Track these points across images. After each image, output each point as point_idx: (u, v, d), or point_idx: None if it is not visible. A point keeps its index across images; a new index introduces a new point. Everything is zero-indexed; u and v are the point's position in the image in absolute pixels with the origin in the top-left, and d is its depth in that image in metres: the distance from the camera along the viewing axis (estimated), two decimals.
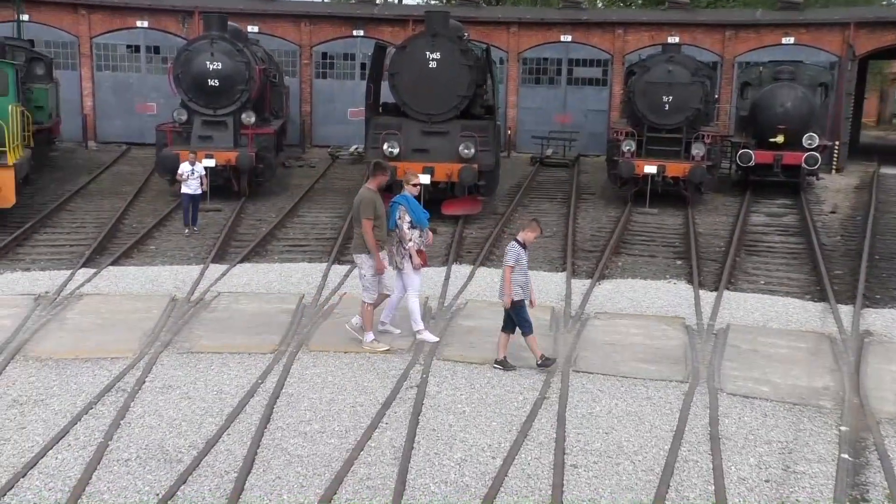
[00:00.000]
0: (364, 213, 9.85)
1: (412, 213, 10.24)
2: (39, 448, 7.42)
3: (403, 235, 10.25)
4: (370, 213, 9.85)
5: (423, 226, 10.42)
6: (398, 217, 10.23)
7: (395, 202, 10.31)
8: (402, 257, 10.31)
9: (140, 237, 15.58)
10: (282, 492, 6.85)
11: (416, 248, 10.30)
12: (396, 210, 10.25)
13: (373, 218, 9.85)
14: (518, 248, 9.43)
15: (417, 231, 10.35)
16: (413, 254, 10.27)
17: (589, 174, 25.14)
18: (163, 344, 10.10)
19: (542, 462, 7.43)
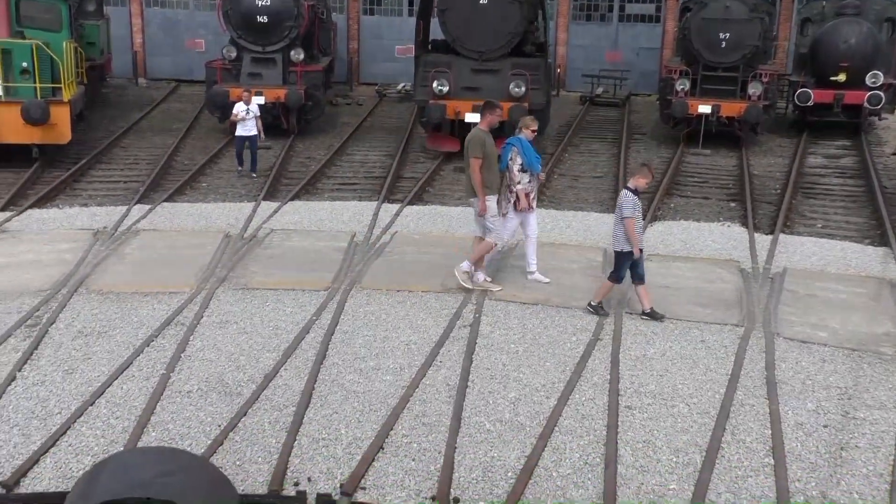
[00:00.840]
0: (472, 152, 9.73)
1: (524, 156, 10.08)
2: (105, 378, 7.64)
3: (512, 177, 10.13)
4: (478, 151, 9.71)
5: (535, 170, 10.26)
6: (510, 158, 10.10)
7: (508, 143, 10.19)
8: (508, 200, 10.22)
9: (192, 174, 15.72)
10: (339, 426, 6.97)
11: (524, 191, 10.18)
12: (509, 151, 10.12)
13: (481, 157, 9.70)
14: (632, 196, 9.23)
15: (528, 175, 10.19)
16: (521, 196, 10.15)
17: (640, 114, 24.65)
18: (218, 279, 10.26)
19: (597, 403, 7.45)
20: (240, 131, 15.58)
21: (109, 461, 5.32)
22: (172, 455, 5.30)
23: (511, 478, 6.29)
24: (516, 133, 10.34)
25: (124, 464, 5.10)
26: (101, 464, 5.23)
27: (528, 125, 10.33)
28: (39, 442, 6.56)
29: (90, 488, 4.79)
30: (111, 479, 4.86)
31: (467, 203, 14.59)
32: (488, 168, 9.83)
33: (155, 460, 5.08)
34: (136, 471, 4.91)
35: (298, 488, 6.03)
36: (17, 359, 7.93)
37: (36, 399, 7.24)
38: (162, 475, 4.84)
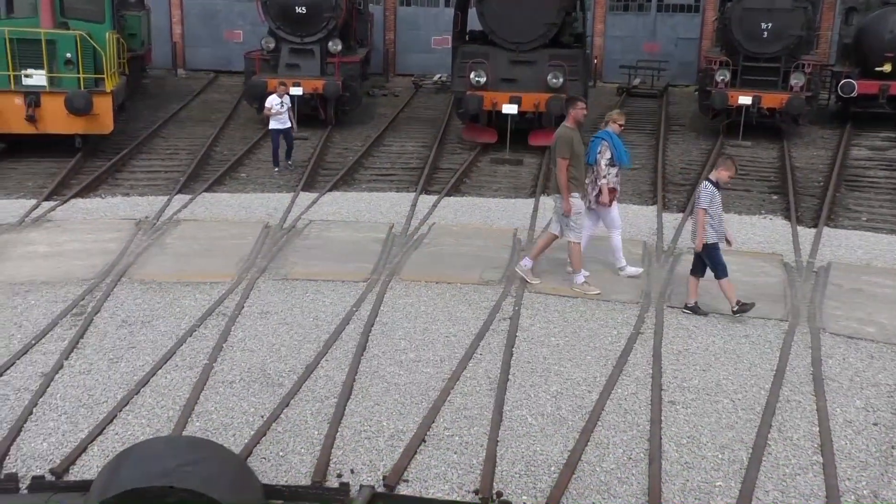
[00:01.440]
0: (560, 153, 9.56)
1: (614, 150, 9.99)
2: (149, 367, 7.72)
3: (600, 171, 10.01)
4: (566, 152, 9.55)
5: (624, 164, 10.21)
6: (598, 153, 9.99)
7: (597, 137, 10.10)
8: (595, 193, 10.11)
9: (231, 165, 15.81)
10: (381, 418, 6.98)
11: (609, 185, 10.07)
12: (598, 145, 10.02)
13: (569, 157, 9.55)
14: (712, 189, 9.02)
15: (615, 169, 10.10)
16: (604, 190, 10.03)
17: (678, 105, 24.36)
18: (259, 270, 10.32)
19: (639, 398, 7.39)
20: (274, 124, 15.50)
21: (133, 450, 5.40)
22: (196, 444, 5.37)
23: (554, 472, 6.25)
24: (603, 127, 10.24)
25: (148, 453, 5.18)
26: (125, 452, 5.32)
27: (616, 119, 10.21)
28: (87, 430, 6.65)
29: (114, 476, 4.87)
30: (135, 467, 4.93)
31: (506, 195, 14.65)
32: (576, 166, 9.66)
33: (178, 450, 5.15)
34: (159, 460, 4.99)
35: (342, 480, 6.06)
36: (63, 347, 8.04)
37: (83, 387, 7.33)
38: (184, 464, 4.90)
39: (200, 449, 5.24)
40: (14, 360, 7.74)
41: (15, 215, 12.21)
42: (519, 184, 15.80)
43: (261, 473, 6.16)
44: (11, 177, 14.67)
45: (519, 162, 17.18)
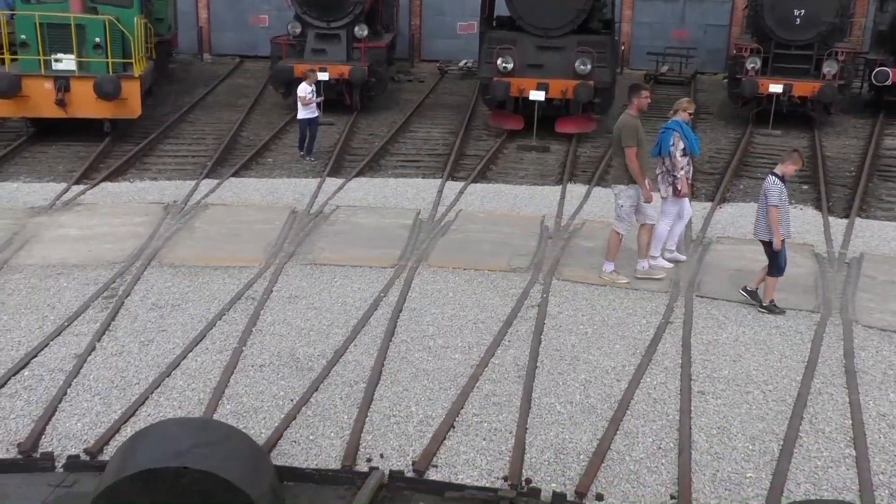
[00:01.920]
0: (626, 141, 9.35)
1: (686, 140, 9.83)
2: (180, 350, 7.78)
3: (675, 162, 9.83)
4: (632, 140, 9.36)
5: (696, 154, 10.05)
6: (671, 143, 9.83)
7: (667, 128, 9.92)
8: (668, 184, 9.93)
9: (258, 150, 15.85)
10: (410, 404, 7.00)
11: (685, 175, 9.90)
12: (670, 136, 9.85)
13: (635, 145, 9.38)
14: (780, 184, 8.78)
15: (687, 159, 9.92)
16: (684, 182, 9.86)
17: (706, 92, 24.11)
18: (287, 255, 10.36)
19: (668, 387, 7.35)
20: (305, 114, 15.30)
21: (148, 431, 5.46)
22: (210, 426, 5.42)
23: (583, 461, 6.24)
24: (672, 116, 10.06)
25: (163, 434, 5.23)
26: (140, 433, 5.38)
27: (685, 107, 10.01)
28: (120, 411, 6.72)
29: (130, 456, 4.92)
30: (150, 448, 4.98)
31: (533, 182, 14.59)
32: (640, 156, 9.46)
33: (193, 431, 5.19)
34: (173, 441, 5.02)
35: (371, 464, 6.08)
36: (95, 329, 8.13)
37: (115, 369, 7.41)
38: (199, 446, 4.94)
39: (214, 431, 5.29)
40: (48, 341, 7.83)
41: (46, 198, 12.32)
42: (546, 171, 15.73)
43: (291, 457, 6.22)
44: (42, 160, 14.80)
45: (546, 149, 17.09)
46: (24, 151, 15.16)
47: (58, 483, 5.40)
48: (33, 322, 8.25)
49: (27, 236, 10.53)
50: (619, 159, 9.62)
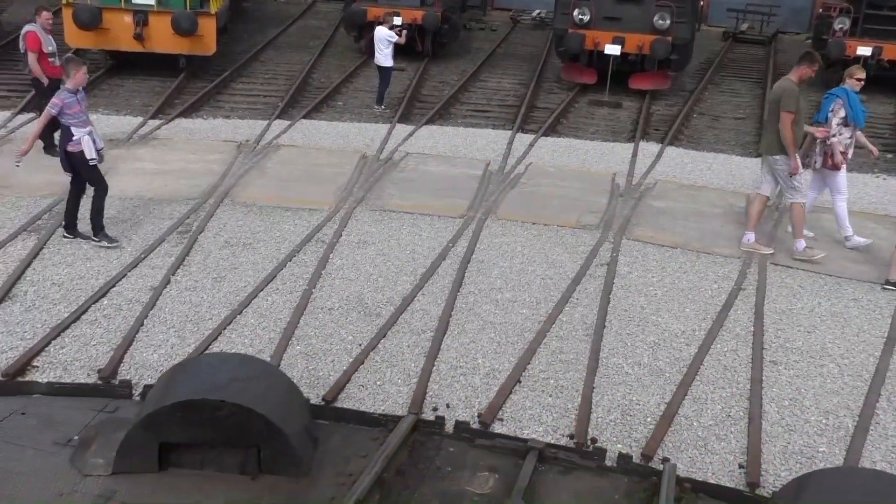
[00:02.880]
0: (787, 105, 8.83)
1: (849, 109, 9.31)
2: (251, 289, 7.90)
3: (830, 130, 9.35)
4: (793, 105, 8.85)
5: (860, 125, 9.46)
6: (830, 110, 9.35)
7: (831, 94, 9.44)
8: (821, 155, 9.47)
9: (329, 92, 15.85)
10: (477, 356, 7.01)
11: (839, 145, 9.38)
12: (831, 102, 9.36)
13: (795, 111, 8.93)
14: None
15: (849, 129, 9.40)
16: (835, 151, 9.33)
17: (787, 53, 23.23)
18: (356, 199, 10.38)
19: (739, 355, 7.22)
20: (386, 61, 15.01)
21: (188, 364, 5.56)
22: (248, 362, 5.52)
23: (650, 423, 6.19)
24: (843, 83, 9.45)
25: (202, 367, 5.35)
26: (180, 365, 5.49)
27: (854, 74, 9.42)
28: (194, 345, 6.87)
29: (169, 389, 5.04)
30: (189, 380, 5.10)
31: (604, 138, 14.31)
32: (798, 123, 9.01)
33: (231, 366, 5.29)
34: (212, 374, 5.13)
35: (437, 413, 6.12)
36: (170, 263, 8.29)
37: (189, 304, 7.56)
38: (236, 380, 5.02)
39: (252, 366, 5.40)
40: (125, 272, 8.02)
41: (123, 132, 12.52)
42: (617, 127, 15.43)
43: (358, 401, 6.29)
44: (119, 94, 15.03)
45: (618, 105, 16.75)
46: (102, 84, 15.41)
47: (101, 408, 5.56)
48: (112, 252, 8.45)
49: (105, 168, 10.69)
50: (775, 126, 9.05)
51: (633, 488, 5.16)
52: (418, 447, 5.39)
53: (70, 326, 6.98)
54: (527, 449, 5.38)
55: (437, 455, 5.34)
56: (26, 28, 10.85)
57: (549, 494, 5.04)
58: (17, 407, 5.54)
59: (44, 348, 6.62)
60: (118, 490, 4.80)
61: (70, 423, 5.35)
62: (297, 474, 4.98)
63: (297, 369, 6.64)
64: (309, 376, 6.56)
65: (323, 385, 6.45)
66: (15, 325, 6.97)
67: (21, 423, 5.38)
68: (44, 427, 5.33)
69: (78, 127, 8.32)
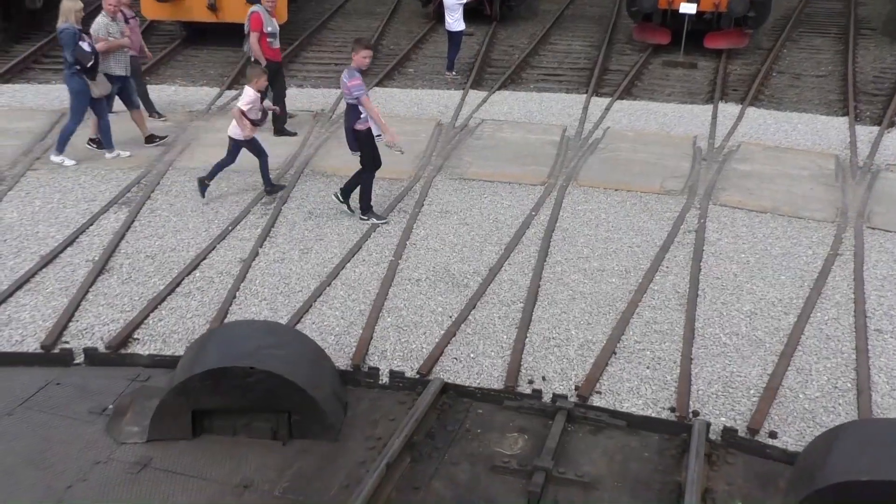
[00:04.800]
0: None
1: None
2: (338, 260, 7.91)
3: None
4: None
5: None
6: None
7: None
8: None
9: (399, 59, 15.74)
10: (569, 327, 6.92)
11: None
12: None
13: None
14: None
15: None
16: None
17: (869, 5, 22.30)
18: (435, 168, 10.31)
19: (841, 323, 6.99)
20: (458, 26, 14.76)
21: (217, 332, 5.58)
22: (276, 329, 5.55)
23: (753, 396, 6.04)
24: None
25: (231, 335, 5.38)
26: (209, 333, 5.51)
27: None
28: (286, 317, 6.91)
29: (200, 356, 5.08)
30: (219, 348, 5.13)
31: (681, 100, 13.95)
32: None
33: (260, 333, 5.32)
34: (241, 342, 5.17)
35: (534, 386, 6.06)
36: (257, 235, 8.35)
37: (279, 276, 7.61)
38: (265, 347, 5.04)
39: (280, 333, 5.42)
40: (214, 244, 8.11)
41: (202, 102, 12.64)
42: (694, 89, 15.02)
43: (453, 373, 6.26)
44: (194, 64, 15.17)
45: (693, 65, 16.30)
46: (177, 55, 15.56)
47: (134, 377, 5.63)
48: (200, 224, 8.55)
49: (188, 139, 10.85)
50: None
51: (665, 445, 5.14)
52: (447, 410, 5.40)
53: (166, 299, 7.09)
54: (556, 409, 5.35)
55: (466, 417, 5.35)
56: (252, 8, 10.98)
57: (580, 454, 5.01)
58: (54, 377, 5.64)
59: (143, 321, 6.74)
60: (153, 457, 4.88)
61: (105, 392, 5.44)
62: (327, 438, 5.04)
63: (390, 341, 6.64)
64: (402, 349, 6.56)
65: (416, 358, 6.44)
66: (114, 297, 7.11)
67: (57, 392, 5.48)
68: (79, 396, 5.43)
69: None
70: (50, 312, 6.82)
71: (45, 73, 14.29)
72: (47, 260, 7.62)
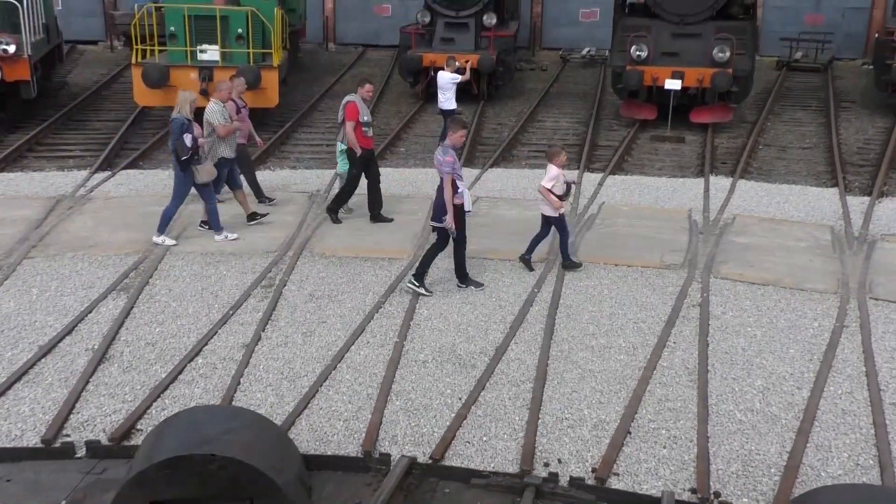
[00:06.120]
0: None
1: None
2: (342, 343, 7.80)
3: None
4: None
5: None
6: None
7: None
8: None
9: (391, 139, 15.89)
10: (581, 406, 6.80)
11: None
12: None
13: None
14: None
15: None
16: None
17: (845, 80, 22.92)
18: None
19: (856, 398, 6.92)
20: (450, 104, 14.93)
21: (176, 418, 5.38)
22: (236, 413, 5.37)
23: (774, 474, 5.92)
24: None
25: (191, 420, 5.16)
26: (167, 421, 5.32)
27: None
28: (293, 403, 6.76)
29: (158, 444, 4.88)
30: (177, 435, 4.93)
31: (672, 174, 14.10)
32: None
33: (219, 418, 5.13)
34: (200, 428, 4.96)
35: (550, 469, 5.91)
36: (259, 319, 8.24)
37: (282, 360, 7.47)
38: (225, 432, 4.86)
39: (240, 417, 5.25)
40: (216, 329, 7.98)
41: None
42: (683, 162, 15.23)
43: (466, 458, 6.12)
44: None
45: (681, 139, 16.56)
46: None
47: (87, 470, 5.41)
48: (200, 309, 8.43)
49: (185, 223, 10.79)
50: None
51: None
52: (413, 490, 5.25)
53: (168, 387, 6.93)
54: (524, 486, 5.20)
55: (433, 497, 5.20)
56: (348, 98, 10.96)
57: None
58: (3, 473, 5.40)
59: (146, 411, 6.57)
60: None
61: (58, 488, 5.21)
62: None
63: (400, 426, 6.49)
64: (413, 433, 6.41)
65: (428, 442, 6.29)
66: (115, 387, 6.94)
67: (6, 490, 5.23)
68: (31, 493, 5.20)
69: (460, 180, 8.72)
70: (50, 405, 6.64)
71: (40, 161, 14.31)
72: (46, 350, 7.46)
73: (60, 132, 16.23)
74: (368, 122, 10.99)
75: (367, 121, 10.94)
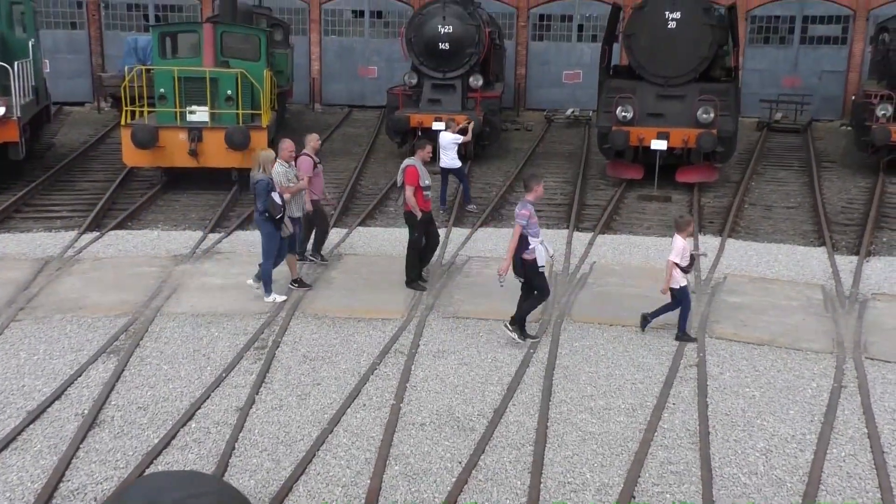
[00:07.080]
0: None
1: None
2: (338, 405, 7.66)
3: None
4: None
5: None
6: None
7: None
8: None
9: (380, 199, 15.93)
10: (583, 469, 6.69)
11: None
12: None
13: None
14: None
15: None
16: None
17: (825, 140, 23.38)
18: (427, 307, 10.22)
19: (860, 460, 6.85)
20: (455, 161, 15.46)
21: (135, 484, 5.22)
22: (196, 479, 5.19)
23: None
24: None
25: (149, 487, 4.99)
26: (125, 487, 5.15)
27: None
28: (289, 468, 6.60)
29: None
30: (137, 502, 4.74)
31: (660, 233, 14.18)
32: None
33: (180, 483, 4.95)
34: (160, 494, 4.75)
35: None
36: (252, 381, 8.09)
37: (278, 424, 7.32)
38: (186, 498, 4.68)
39: (201, 483, 5.07)
40: (208, 392, 7.83)
41: (186, 246, 12.53)
42: (671, 221, 15.27)
43: None
44: (175, 208, 15.18)
45: (668, 199, 16.73)
46: (158, 200, 15.59)
47: None
48: (192, 372, 8.28)
49: (174, 284, 10.69)
50: None
51: None
52: None
53: (161, 453, 6.76)
54: None
55: None
56: (407, 162, 10.89)
57: None
58: None
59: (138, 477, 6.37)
60: None
61: None
62: None
63: (400, 491, 6.35)
64: (413, 499, 6.26)
65: None
66: (106, 453, 6.75)
67: None
68: None
69: (533, 237, 8.89)
70: (39, 473, 6.44)
71: (27, 222, 14.19)
72: (34, 415, 7.27)
73: (48, 193, 16.16)
74: (428, 185, 10.98)
75: (427, 184, 10.93)
